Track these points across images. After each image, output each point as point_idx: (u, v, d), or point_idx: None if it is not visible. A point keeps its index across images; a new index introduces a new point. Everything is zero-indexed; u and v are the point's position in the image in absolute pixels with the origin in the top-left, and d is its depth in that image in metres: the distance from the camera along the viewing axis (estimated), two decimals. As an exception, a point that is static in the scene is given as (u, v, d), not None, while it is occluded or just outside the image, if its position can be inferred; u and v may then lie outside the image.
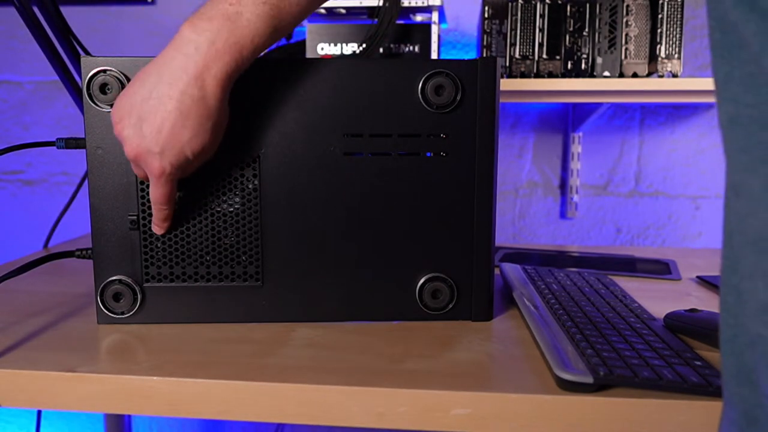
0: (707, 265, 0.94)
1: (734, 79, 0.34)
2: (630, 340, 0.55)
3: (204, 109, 0.53)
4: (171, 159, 0.54)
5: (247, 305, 0.63)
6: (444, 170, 0.62)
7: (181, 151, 0.54)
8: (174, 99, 0.52)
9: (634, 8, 1.19)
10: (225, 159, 0.61)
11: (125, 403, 0.51)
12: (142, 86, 0.53)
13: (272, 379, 0.50)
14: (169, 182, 0.56)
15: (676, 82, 1.15)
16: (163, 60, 0.53)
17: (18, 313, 0.66)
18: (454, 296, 0.64)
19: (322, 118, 0.61)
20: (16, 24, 1.49)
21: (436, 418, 0.49)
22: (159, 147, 0.53)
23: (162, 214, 0.59)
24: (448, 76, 0.61)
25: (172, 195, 0.58)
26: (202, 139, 0.54)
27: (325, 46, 1.16)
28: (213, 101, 0.53)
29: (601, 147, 1.43)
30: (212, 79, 0.52)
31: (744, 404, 0.34)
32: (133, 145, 0.54)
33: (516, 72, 1.21)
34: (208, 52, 0.51)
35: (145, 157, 0.54)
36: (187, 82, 0.51)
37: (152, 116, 0.52)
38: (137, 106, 0.53)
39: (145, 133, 0.53)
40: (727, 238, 0.35)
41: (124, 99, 0.54)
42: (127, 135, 0.54)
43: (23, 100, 1.53)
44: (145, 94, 0.53)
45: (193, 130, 0.53)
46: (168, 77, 0.52)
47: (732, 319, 0.35)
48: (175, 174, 0.56)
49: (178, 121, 0.52)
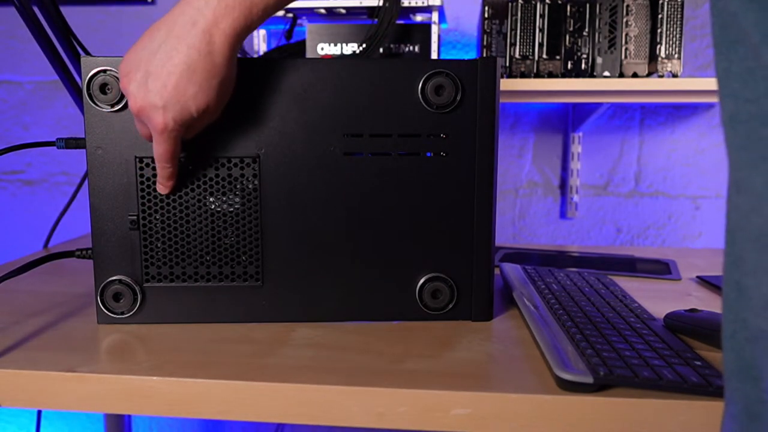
0: (707, 265, 0.94)
1: (733, 74, 0.34)
2: (630, 340, 0.55)
3: (210, 65, 0.52)
4: (174, 114, 0.53)
5: (247, 305, 0.63)
6: (444, 170, 0.62)
7: (185, 106, 0.53)
8: (181, 53, 0.51)
9: (634, 8, 1.19)
10: (225, 159, 0.61)
11: (125, 403, 0.51)
12: (150, 40, 0.53)
13: (272, 379, 0.50)
14: (172, 138, 0.55)
15: (676, 82, 1.15)
16: (173, 15, 0.52)
17: (18, 313, 0.66)
18: (454, 296, 0.64)
19: (322, 118, 0.61)
20: (16, 24, 1.49)
21: (436, 418, 0.49)
22: (163, 101, 0.52)
23: (166, 172, 0.59)
24: (448, 76, 0.61)
25: (175, 152, 0.57)
26: (207, 96, 0.53)
27: (325, 46, 1.16)
28: (220, 58, 0.52)
29: (601, 147, 1.43)
30: (221, 34, 0.52)
31: (746, 400, 0.34)
32: (138, 98, 0.53)
33: (516, 72, 1.21)
34: (218, 6, 0.51)
35: (148, 111, 0.53)
36: (195, 36, 0.51)
37: (158, 70, 0.52)
38: (144, 60, 0.53)
39: (150, 87, 0.52)
40: (729, 235, 0.35)
41: (132, 53, 0.54)
42: (132, 89, 0.53)
43: (23, 100, 1.53)
44: (154, 47, 0.52)
45: (198, 86, 0.53)
46: (177, 31, 0.52)
47: (732, 314, 0.35)
48: (179, 131, 0.55)
49: (183, 76, 0.52)
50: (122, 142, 0.60)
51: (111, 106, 0.60)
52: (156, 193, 0.61)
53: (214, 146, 0.61)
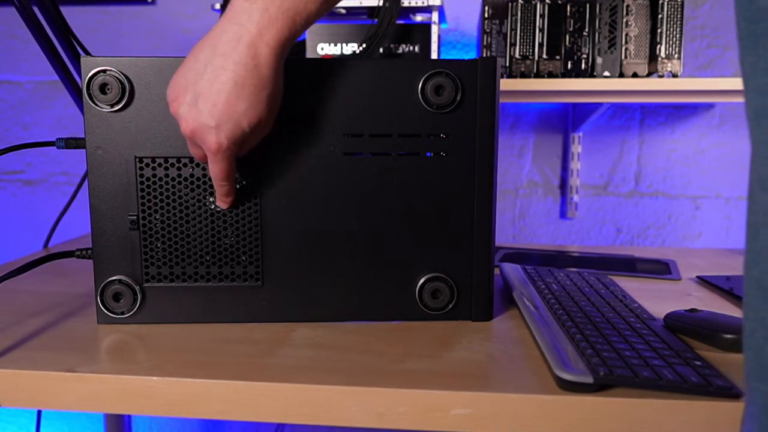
0: (707, 265, 0.94)
1: (761, 69, 0.33)
2: (630, 340, 0.55)
3: (258, 78, 0.52)
4: (227, 133, 0.53)
5: (247, 305, 0.63)
6: (444, 170, 0.62)
7: (237, 123, 0.53)
8: (228, 70, 0.51)
9: (634, 8, 1.19)
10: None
11: (125, 403, 0.51)
12: (195, 61, 0.52)
13: (272, 379, 0.50)
14: (227, 158, 0.55)
15: (676, 82, 1.15)
16: (216, 33, 0.52)
17: (18, 313, 0.66)
18: (454, 296, 0.64)
19: (322, 118, 0.61)
20: (16, 24, 1.49)
21: (436, 418, 0.49)
22: (215, 121, 0.52)
23: (223, 189, 0.59)
24: (448, 76, 0.61)
25: (231, 171, 0.57)
26: (258, 110, 0.53)
27: (325, 46, 1.16)
28: (267, 70, 0.52)
29: (601, 147, 1.43)
30: (265, 46, 0.51)
31: (764, 400, 0.34)
32: (189, 121, 0.53)
33: (516, 72, 1.21)
34: (261, 19, 0.51)
35: (201, 132, 0.53)
36: (241, 51, 0.51)
37: (207, 90, 0.52)
38: (192, 82, 0.52)
39: (201, 108, 0.52)
40: (752, 231, 0.34)
41: (179, 77, 0.53)
42: (183, 112, 0.53)
43: (23, 100, 1.53)
44: (200, 68, 0.52)
45: (248, 101, 0.52)
46: (222, 48, 0.51)
47: (752, 313, 0.34)
48: (233, 149, 0.55)
49: (233, 93, 0.51)
50: (122, 142, 0.60)
51: (111, 106, 0.60)
52: (156, 193, 0.61)
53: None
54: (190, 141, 0.56)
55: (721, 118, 1.40)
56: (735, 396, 0.47)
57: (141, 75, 0.60)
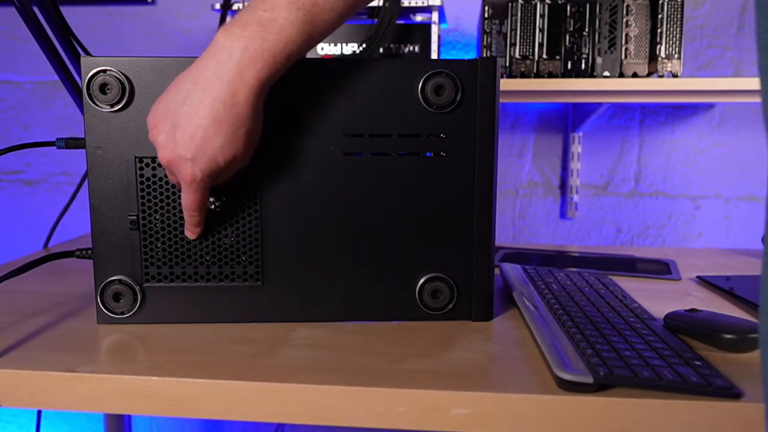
0: (707, 265, 0.94)
1: None
2: (630, 340, 0.55)
3: (236, 116, 0.52)
4: (202, 166, 0.54)
5: (247, 305, 0.63)
6: (444, 170, 0.62)
7: (212, 158, 0.54)
8: (207, 106, 0.52)
9: (634, 8, 1.19)
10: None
11: (125, 403, 0.51)
12: (177, 92, 0.53)
13: (272, 379, 0.50)
14: (201, 190, 0.56)
15: (676, 82, 1.16)
16: (198, 66, 0.53)
17: (18, 313, 0.66)
18: (454, 296, 0.64)
19: (322, 118, 0.61)
20: (16, 24, 1.49)
21: (436, 418, 0.49)
22: (191, 153, 0.53)
23: (193, 220, 0.60)
24: (448, 76, 0.61)
25: (202, 202, 0.58)
26: (235, 147, 0.54)
27: (325, 46, 1.16)
28: (245, 108, 0.52)
29: (601, 147, 1.43)
30: (244, 85, 0.52)
31: None
32: (167, 150, 0.54)
33: (516, 72, 1.21)
34: (241, 58, 0.51)
35: (177, 163, 0.54)
36: (220, 89, 0.51)
37: (185, 122, 0.52)
38: (172, 112, 0.53)
39: (178, 139, 0.53)
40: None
41: (161, 104, 0.54)
42: (161, 140, 0.54)
43: (23, 100, 1.53)
44: (180, 99, 0.53)
45: (225, 137, 0.53)
46: (203, 84, 0.52)
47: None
48: (207, 181, 0.56)
49: (210, 128, 0.52)
50: (122, 142, 0.60)
51: (111, 106, 0.60)
52: (156, 193, 0.61)
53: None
54: (167, 169, 0.57)
55: (720, 118, 1.40)
56: (735, 396, 0.47)
57: (141, 75, 0.60)
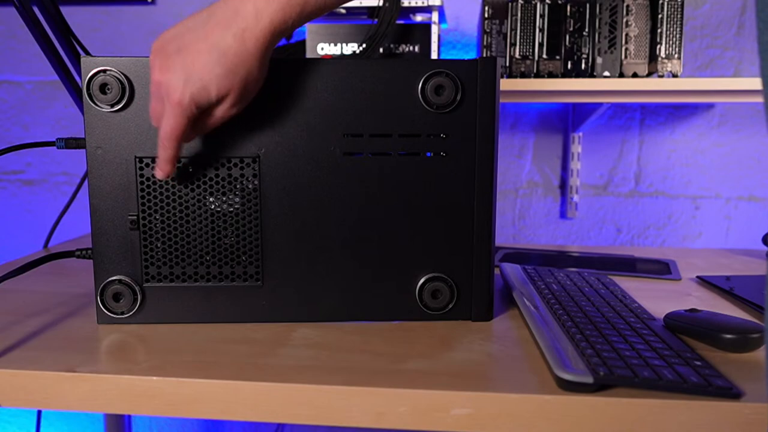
0: (707, 265, 0.94)
1: None
2: (630, 340, 0.55)
3: (243, 54, 0.52)
4: (193, 90, 0.52)
5: (247, 305, 0.63)
6: (444, 170, 0.62)
7: (205, 86, 0.52)
8: (216, 35, 0.52)
9: (634, 8, 1.19)
10: (225, 159, 0.61)
11: (125, 403, 0.51)
12: (192, 20, 0.53)
13: (272, 379, 0.50)
14: (184, 116, 0.54)
15: (676, 82, 1.16)
16: (216, 3, 0.53)
17: (18, 313, 0.66)
18: (454, 296, 0.64)
19: (322, 118, 0.61)
20: (16, 24, 1.49)
21: (436, 418, 0.49)
22: (186, 73, 0.52)
23: (167, 153, 0.56)
24: (448, 76, 0.61)
25: (181, 131, 0.55)
26: (231, 82, 0.53)
27: (325, 46, 1.16)
28: (254, 49, 0.52)
29: (601, 147, 1.43)
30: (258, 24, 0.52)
31: None
32: (162, 69, 0.53)
33: (516, 72, 1.21)
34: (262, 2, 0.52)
35: (168, 83, 0.53)
36: (234, 23, 0.52)
37: (190, 46, 0.52)
38: (179, 35, 0.53)
39: (177, 60, 0.52)
40: None
41: (171, 29, 0.54)
42: (159, 59, 0.53)
43: (23, 100, 1.53)
44: (192, 26, 0.53)
45: (225, 69, 0.52)
46: (219, 16, 0.52)
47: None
48: (192, 110, 0.54)
49: (213, 56, 0.52)
50: (122, 142, 0.60)
51: (111, 106, 0.60)
52: (156, 193, 0.61)
53: (214, 146, 0.61)
54: (154, 94, 0.55)
55: (720, 118, 1.40)
56: (735, 396, 0.47)
57: (141, 75, 0.60)
